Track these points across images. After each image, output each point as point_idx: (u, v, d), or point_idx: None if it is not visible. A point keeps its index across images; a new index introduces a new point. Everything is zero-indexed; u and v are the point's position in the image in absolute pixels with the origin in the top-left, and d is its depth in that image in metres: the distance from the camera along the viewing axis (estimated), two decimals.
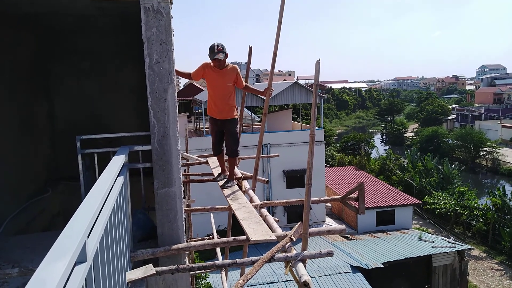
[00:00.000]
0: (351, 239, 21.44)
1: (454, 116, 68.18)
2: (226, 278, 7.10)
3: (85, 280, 1.39)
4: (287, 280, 15.72)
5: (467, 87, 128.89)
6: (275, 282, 15.69)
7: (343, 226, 3.60)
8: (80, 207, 1.57)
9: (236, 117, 4.94)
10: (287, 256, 2.99)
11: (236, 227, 5.82)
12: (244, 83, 4.87)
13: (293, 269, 3.01)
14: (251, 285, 15.27)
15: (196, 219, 11.55)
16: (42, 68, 6.07)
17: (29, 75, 5.52)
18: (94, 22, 5.47)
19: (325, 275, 16.09)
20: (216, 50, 4.32)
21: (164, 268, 2.75)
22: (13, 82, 4.96)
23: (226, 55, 4.42)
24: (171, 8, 3.23)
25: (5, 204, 4.39)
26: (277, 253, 3.00)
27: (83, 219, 1.40)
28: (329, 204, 26.61)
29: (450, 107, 73.91)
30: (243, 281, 2.59)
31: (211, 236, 8.87)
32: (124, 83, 6.51)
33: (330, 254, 3.07)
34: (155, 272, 2.71)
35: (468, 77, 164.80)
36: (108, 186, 1.93)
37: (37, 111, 5.80)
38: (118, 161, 2.61)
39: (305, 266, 3.02)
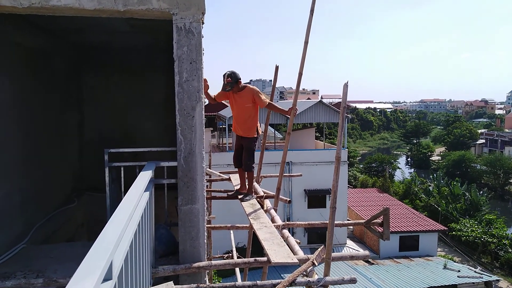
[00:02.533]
0: (373, 263, 20.87)
1: (483, 140, 66.22)
2: None
3: None
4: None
5: (497, 112, 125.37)
6: None
7: (367, 252, 3.51)
8: (108, 223, 1.59)
9: (254, 136, 5.01)
10: (309, 281, 2.93)
11: (255, 245, 5.75)
12: (267, 102, 4.88)
13: None
14: None
15: (215, 234, 11.52)
16: (75, 79, 6.29)
17: (63, 86, 5.72)
18: (126, 38, 5.65)
19: None
20: (225, 81, 4.54)
21: (185, 286, 2.74)
22: (49, 92, 5.15)
23: (238, 82, 4.59)
24: (202, 27, 3.31)
25: (32, 213, 4.50)
26: (298, 277, 2.94)
27: (111, 236, 1.41)
28: (351, 227, 26.09)
29: (479, 131, 71.87)
30: None
31: (230, 255, 8.82)
32: (152, 99, 6.66)
33: (353, 281, 2.99)
34: None
35: (498, 101, 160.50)
36: (135, 203, 1.95)
37: (68, 121, 5.98)
38: (145, 176, 2.64)
39: None
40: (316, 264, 3.13)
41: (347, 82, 3.46)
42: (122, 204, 1.87)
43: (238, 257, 7.55)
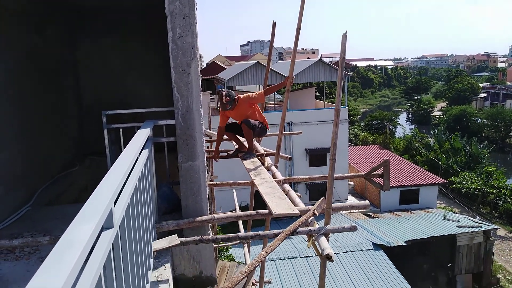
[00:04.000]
0: (374, 217, 21.35)
1: (484, 94, 65.68)
2: (249, 252, 7.22)
3: (112, 245, 1.42)
4: (308, 256, 15.89)
5: (499, 65, 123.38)
6: (297, 258, 15.88)
7: (367, 202, 3.57)
8: (106, 175, 1.61)
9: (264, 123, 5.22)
10: (310, 229, 3.00)
11: (258, 203, 5.87)
12: (262, 93, 5.02)
13: (316, 242, 3.02)
14: (273, 260, 15.52)
15: (219, 195, 11.72)
16: (70, 43, 6.16)
17: (58, 51, 5.62)
18: (121, 0, 5.48)
19: (347, 251, 16.15)
20: (223, 101, 4.75)
21: (189, 238, 2.81)
22: (44, 57, 5.06)
23: (235, 100, 4.80)
24: None
25: (35, 177, 4.55)
26: (299, 227, 3.01)
27: (110, 186, 1.43)
28: (351, 183, 26.48)
29: (481, 85, 71.10)
30: (266, 252, 2.62)
31: (233, 212, 9.00)
32: (148, 61, 6.55)
33: (353, 228, 3.06)
34: (179, 242, 2.77)
35: (500, 54, 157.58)
36: (133, 157, 1.96)
37: (65, 86, 5.93)
38: (142, 134, 2.64)
39: (327, 240, 3.02)
40: (317, 214, 3.19)
41: (345, 32, 3.38)
42: (119, 158, 1.88)
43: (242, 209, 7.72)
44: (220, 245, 8.05)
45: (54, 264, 0.89)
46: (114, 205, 1.50)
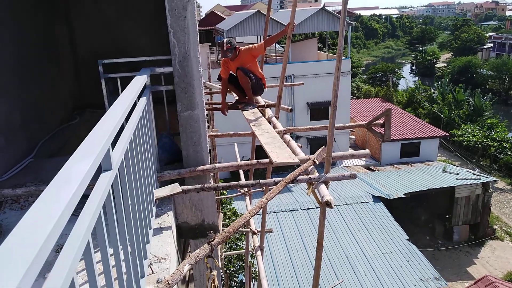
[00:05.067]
0: (374, 170, 21.60)
1: (491, 45, 63.95)
2: (250, 204, 7.36)
3: (112, 187, 1.42)
4: (308, 208, 16.26)
5: (508, 13, 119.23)
6: (297, 210, 16.25)
7: (367, 151, 3.56)
8: (103, 117, 1.57)
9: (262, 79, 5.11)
10: (310, 178, 3.01)
11: (259, 156, 5.90)
12: (262, 44, 4.91)
13: (316, 190, 3.04)
14: (275, 212, 15.90)
15: (220, 150, 11.78)
16: None
17: (49, 1, 5.40)
18: None
19: (347, 204, 16.50)
20: (224, 49, 4.67)
21: (190, 186, 2.83)
22: (36, 7, 4.87)
23: (236, 48, 4.71)
24: None
25: (35, 130, 4.54)
26: (300, 175, 3.02)
27: (106, 127, 1.40)
28: (352, 136, 26.53)
29: (487, 35, 69.09)
30: (266, 199, 2.64)
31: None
32: (144, 8, 6.31)
33: (353, 176, 3.07)
34: (181, 190, 2.79)
35: (509, 1, 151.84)
36: (130, 101, 1.92)
37: (59, 36, 5.76)
38: (139, 80, 2.58)
39: (327, 188, 3.05)
40: (317, 163, 3.20)
41: None
42: (116, 102, 1.83)
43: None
44: (222, 197, 8.20)
45: (50, 199, 0.88)
46: (113, 149, 1.48)
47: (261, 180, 3.02)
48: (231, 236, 10.68)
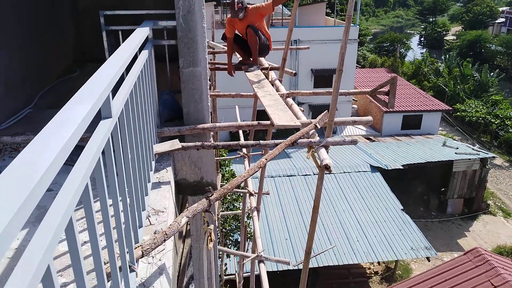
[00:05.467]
0: (374, 141, 21.63)
1: (503, 19, 62.20)
2: (249, 166, 7.40)
3: (112, 136, 1.41)
4: (306, 174, 16.41)
5: None
6: (295, 176, 16.41)
7: (370, 118, 3.53)
8: (103, 65, 1.54)
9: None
10: (311, 141, 3.00)
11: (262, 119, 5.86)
12: (270, 4, 4.74)
13: (315, 154, 3.04)
14: (272, 176, 16.07)
15: (221, 113, 11.71)
16: None
17: None
18: None
19: (344, 172, 16.64)
20: (236, 8, 4.52)
21: (190, 143, 2.83)
22: None
23: (246, 8, 4.59)
24: None
25: (35, 81, 4.49)
26: (300, 138, 3.01)
27: (106, 74, 1.36)
28: (355, 106, 26.37)
29: (500, 9, 67.05)
30: (266, 159, 2.65)
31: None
32: None
33: (354, 142, 3.06)
34: (181, 146, 2.79)
35: None
36: (131, 52, 1.87)
37: None
38: (141, 32, 2.51)
39: (327, 152, 3.05)
40: (319, 127, 3.18)
41: None
42: (117, 51, 1.79)
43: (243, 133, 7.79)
44: (221, 158, 8.24)
45: (46, 139, 0.86)
46: (113, 98, 1.46)
47: (261, 141, 3.02)
48: (228, 197, 10.85)
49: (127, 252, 1.78)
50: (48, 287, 0.80)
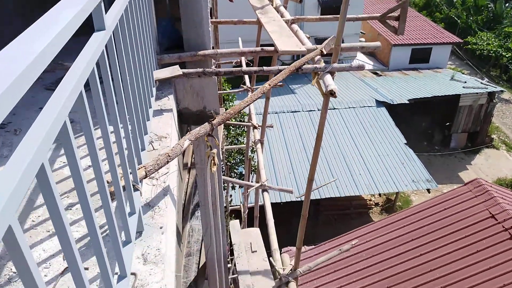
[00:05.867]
0: (381, 75, 21.20)
1: None
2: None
3: (106, 48, 1.34)
4: (310, 110, 16.34)
5: None
6: (299, 111, 16.35)
7: (378, 43, 3.39)
8: None
9: None
10: (316, 67, 2.91)
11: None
12: None
13: (320, 81, 2.96)
14: (276, 112, 16.02)
15: (223, 47, 11.37)
16: None
17: None
18: None
19: (349, 107, 16.53)
20: None
21: (191, 70, 2.75)
22: None
23: None
24: None
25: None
26: (306, 64, 2.91)
27: None
28: (363, 39, 25.50)
29: None
30: (269, 85, 2.58)
31: (238, 62, 8.85)
32: None
33: (361, 67, 2.97)
34: (182, 73, 2.71)
35: None
36: None
37: None
38: None
39: (333, 79, 2.96)
40: (325, 52, 3.06)
41: None
42: None
43: (246, 64, 7.59)
44: (224, 91, 8.15)
45: (35, 33, 0.81)
46: (106, 13, 1.37)
47: (264, 68, 2.93)
48: (233, 132, 10.91)
49: (130, 173, 1.79)
50: (43, 182, 0.80)
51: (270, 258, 4.12)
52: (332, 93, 2.67)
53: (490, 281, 6.61)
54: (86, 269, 1.70)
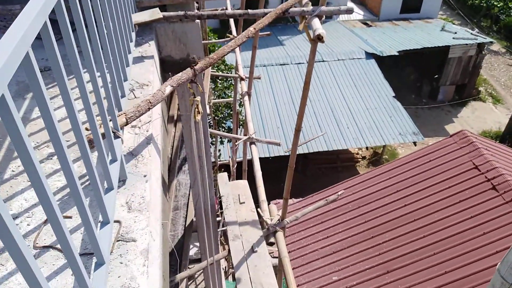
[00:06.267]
0: (371, 26, 20.76)
1: None
2: (240, 52, 7.12)
3: None
4: (299, 63, 16.07)
5: None
6: (288, 64, 16.08)
7: None
8: None
9: None
10: (303, 10, 2.77)
11: (252, 5, 5.42)
12: None
13: (308, 25, 2.84)
14: (265, 66, 15.74)
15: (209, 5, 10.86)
16: None
17: None
18: None
19: (338, 59, 16.30)
20: None
21: (171, 13, 2.60)
22: None
23: None
24: None
25: None
26: (293, 7, 2.78)
27: None
28: None
29: None
30: (254, 28, 2.46)
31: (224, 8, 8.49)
32: None
33: (349, 11, 2.84)
34: (162, 16, 2.57)
35: None
36: None
37: None
38: None
39: (320, 23, 2.84)
40: None
41: None
42: None
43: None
44: (210, 42, 7.89)
45: None
46: None
47: (249, 10, 2.78)
48: (220, 85, 10.72)
49: (110, 120, 1.72)
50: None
51: (258, 209, 4.17)
52: (319, 38, 2.56)
53: (471, 229, 6.86)
54: (70, 217, 1.67)
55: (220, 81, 10.57)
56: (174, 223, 4.76)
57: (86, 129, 1.53)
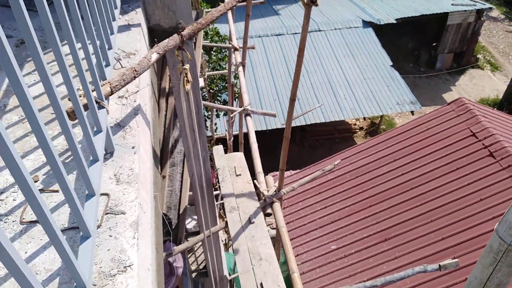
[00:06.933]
0: None
1: None
2: (233, 20, 6.93)
3: None
4: (295, 33, 15.76)
5: None
6: (284, 34, 15.77)
7: None
8: None
9: None
10: None
11: None
12: None
13: None
14: (259, 36, 15.43)
15: None
16: None
17: None
18: None
19: (335, 29, 15.98)
20: None
21: None
22: None
23: None
24: None
25: None
26: None
27: None
28: None
29: None
30: None
31: None
32: None
33: None
34: None
35: None
36: None
37: None
38: None
39: None
40: None
41: None
42: None
43: None
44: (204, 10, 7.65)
45: None
46: None
47: None
48: (214, 57, 10.51)
49: (93, 91, 1.64)
50: None
51: (254, 181, 4.14)
52: (313, 1, 2.45)
53: (468, 196, 6.90)
54: (56, 191, 1.63)
55: (214, 53, 10.36)
56: (171, 178, 4.74)
57: (69, 99, 1.46)
